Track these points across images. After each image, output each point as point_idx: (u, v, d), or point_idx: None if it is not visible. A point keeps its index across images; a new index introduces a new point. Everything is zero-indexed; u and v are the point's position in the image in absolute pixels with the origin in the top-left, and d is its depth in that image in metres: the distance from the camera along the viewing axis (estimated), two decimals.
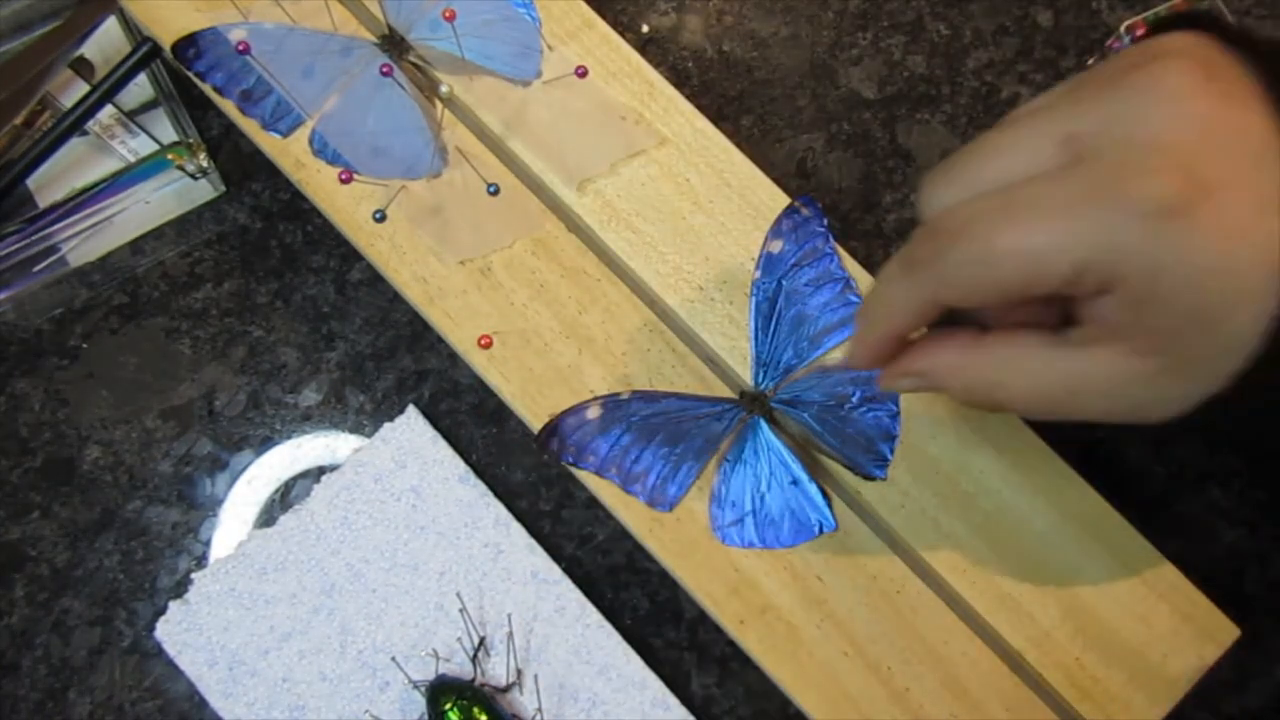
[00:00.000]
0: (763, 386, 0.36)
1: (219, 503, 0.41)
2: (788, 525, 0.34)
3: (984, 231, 0.23)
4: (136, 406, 0.42)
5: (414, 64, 0.39)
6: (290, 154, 0.39)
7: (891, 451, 0.35)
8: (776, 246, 0.36)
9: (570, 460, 0.35)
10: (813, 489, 0.34)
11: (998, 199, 0.24)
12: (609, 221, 0.38)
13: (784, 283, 0.36)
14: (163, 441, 0.42)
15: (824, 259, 0.36)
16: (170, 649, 0.39)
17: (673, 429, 0.35)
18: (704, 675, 0.39)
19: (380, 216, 0.37)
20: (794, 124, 0.46)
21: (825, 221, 0.37)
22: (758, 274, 0.36)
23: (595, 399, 0.35)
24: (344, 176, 0.37)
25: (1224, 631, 0.35)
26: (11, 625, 0.40)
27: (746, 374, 0.37)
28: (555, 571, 0.39)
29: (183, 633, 0.39)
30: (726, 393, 0.36)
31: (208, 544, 0.41)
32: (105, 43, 0.45)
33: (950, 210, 0.25)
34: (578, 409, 0.35)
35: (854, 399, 0.35)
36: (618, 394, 0.35)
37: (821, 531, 0.34)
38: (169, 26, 0.39)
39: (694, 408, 0.35)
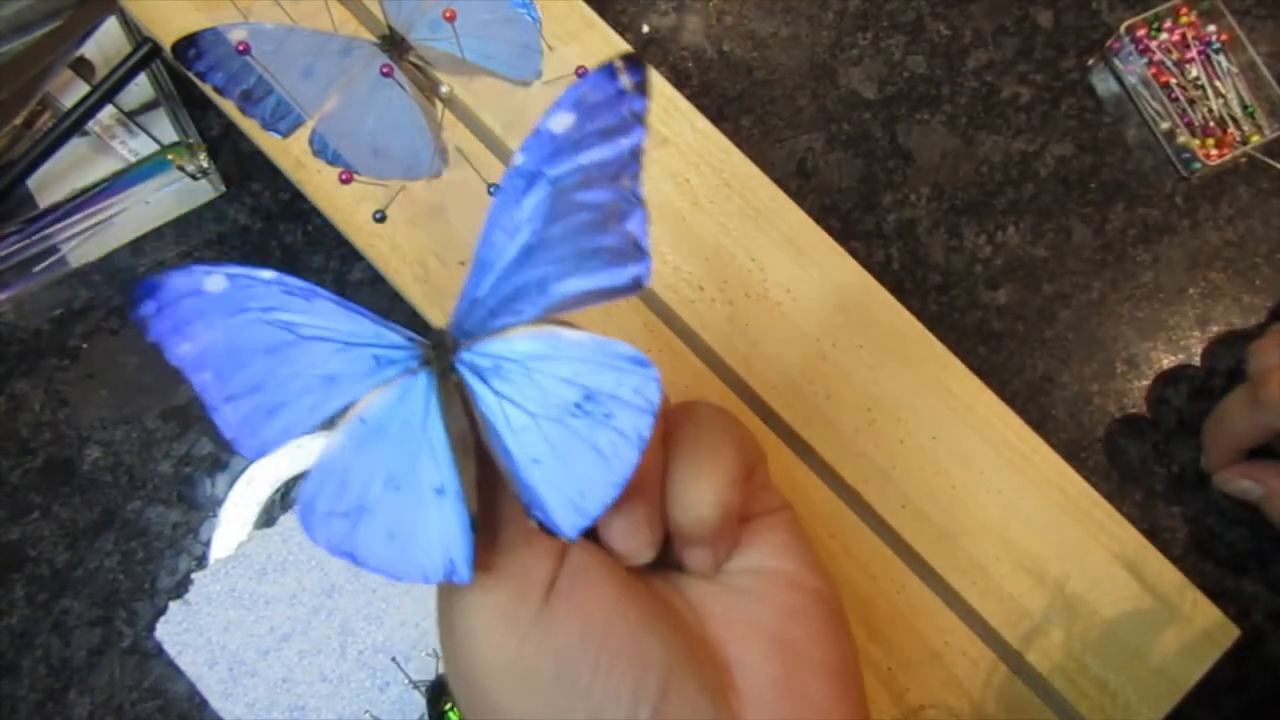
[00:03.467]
0: (460, 331, 0.24)
1: (219, 503, 0.41)
2: (400, 548, 0.22)
3: None
4: (137, 407, 0.42)
5: (414, 64, 0.39)
6: (290, 154, 0.39)
7: (601, 508, 0.22)
8: (562, 124, 0.23)
9: (159, 337, 0.24)
10: (461, 513, 0.22)
11: None
12: None
13: (550, 177, 0.23)
14: (163, 442, 0.42)
15: (621, 166, 0.23)
16: (170, 649, 0.39)
17: (310, 350, 0.23)
18: None
19: (380, 217, 0.37)
20: (794, 124, 0.46)
21: (643, 104, 0.23)
22: (519, 158, 0.23)
23: (221, 268, 0.23)
24: (344, 177, 0.37)
25: (1224, 631, 0.35)
26: (11, 625, 0.40)
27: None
28: None
29: (183, 633, 0.39)
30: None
31: (208, 544, 0.41)
32: (105, 43, 0.45)
33: None
34: (193, 270, 0.23)
35: (579, 403, 0.22)
36: (255, 269, 0.23)
37: (450, 578, 0.22)
38: (169, 26, 0.39)
39: (353, 328, 0.23)
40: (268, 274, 0.23)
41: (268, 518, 0.41)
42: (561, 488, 0.22)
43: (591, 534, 0.24)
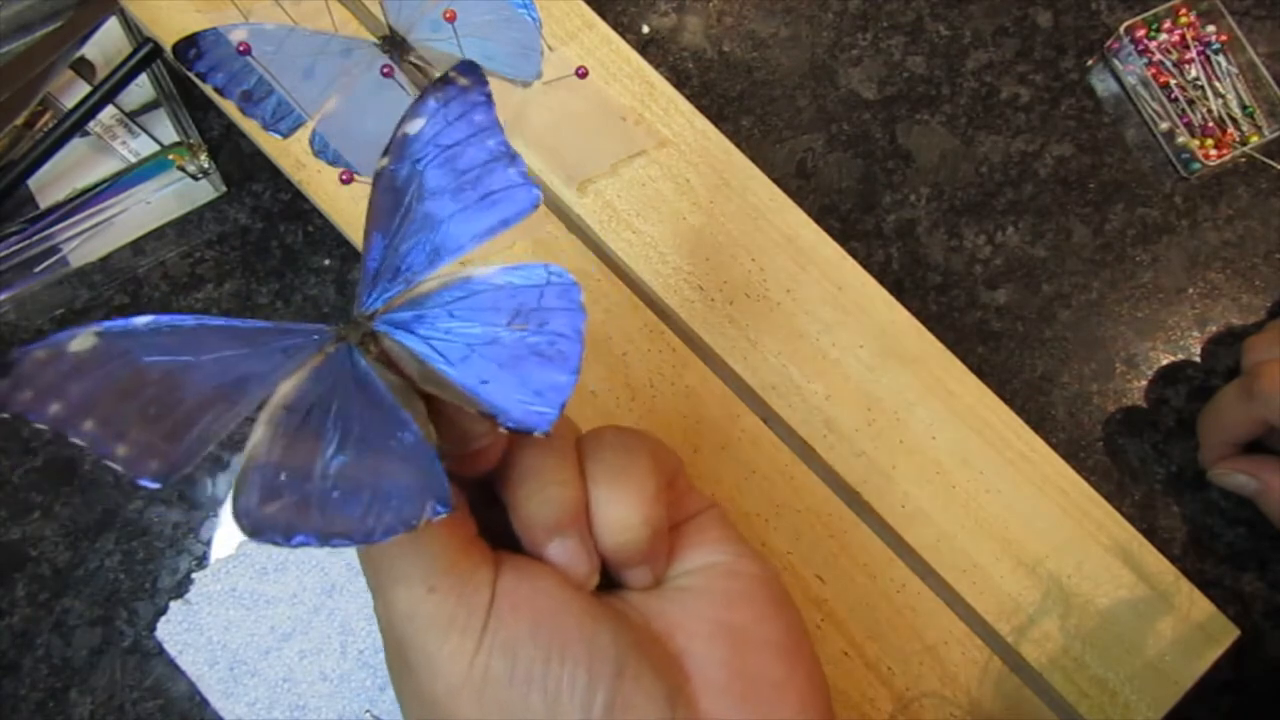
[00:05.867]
0: (372, 307, 0.25)
1: (220, 503, 0.41)
2: (364, 506, 0.21)
3: None
4: None
5: (415, 65, 0.39)
6: (291, 154, 0.39)
7: (563, 399, 0.23)
8: (415, 126, 0.25)
9: (20, 410, 0.22)
10: (425, 448, 0.22)
11: None
12: (609, 222, 0.38)
13: (422, 168, 0.25)
14: None
15: (484, 133, 0.25)
16: (171, 649, 0.39)
17: (208, 365, 0.22)
18: None
19: None
20: (794, 124, 0.46)
21: (487, 90, 0.26)
22: (385, 161, 0.25)
23: (87, 328, 0.21)
24: (345, 177, 0.37)
25: (1224, 631, 0.35)
26: (13, 625, 0.40)
27: None
28: None
29: (183, 632, 0.39)
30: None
31: (208, 544, 0.41)
32: (106, 43, 0.45)
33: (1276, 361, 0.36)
34: (52, 341, 0.21)
35: (509, 322, 0.24)
36: (129, 319, 0.22)
37: (433, 516, 0.21)
38: (170, 27, 0.39)
39: (255, 336, 0.23)
40: (143, 320, 0.21)
41: None
42: (520, 395, 0.23)
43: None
